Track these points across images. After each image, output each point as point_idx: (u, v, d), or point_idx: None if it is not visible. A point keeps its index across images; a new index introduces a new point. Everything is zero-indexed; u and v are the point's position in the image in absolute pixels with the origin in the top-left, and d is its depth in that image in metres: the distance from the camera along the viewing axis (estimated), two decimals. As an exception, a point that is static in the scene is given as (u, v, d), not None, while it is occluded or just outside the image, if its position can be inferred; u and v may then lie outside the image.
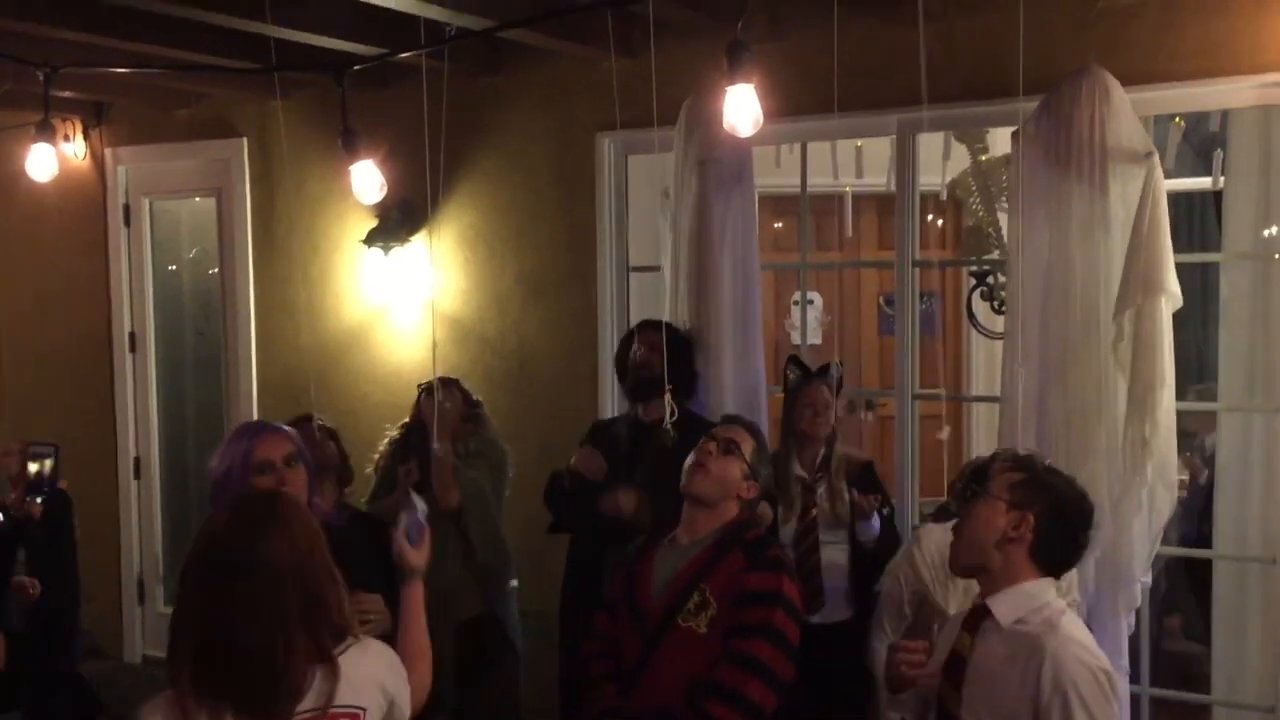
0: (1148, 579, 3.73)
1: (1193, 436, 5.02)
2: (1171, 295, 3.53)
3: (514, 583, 4.22)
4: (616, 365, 4.23)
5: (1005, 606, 2.39)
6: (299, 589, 1.96)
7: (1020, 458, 2.53)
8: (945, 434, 3.37)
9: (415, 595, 2.54)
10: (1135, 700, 3.96)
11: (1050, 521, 2.40)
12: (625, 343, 4.20)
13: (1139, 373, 3.54)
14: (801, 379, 3.93)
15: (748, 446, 3.11)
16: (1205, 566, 4.28)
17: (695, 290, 4.32)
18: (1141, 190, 3.52)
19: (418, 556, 2.58)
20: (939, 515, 3.84)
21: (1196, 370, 5.16)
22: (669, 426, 3.40)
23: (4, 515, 3.21)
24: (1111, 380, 3.62)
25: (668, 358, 3.73)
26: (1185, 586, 4.88)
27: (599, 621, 3.16)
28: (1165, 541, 3.92)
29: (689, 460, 3.10)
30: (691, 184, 4.29)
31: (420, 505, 2.63)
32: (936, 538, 3.23)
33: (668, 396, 3.50)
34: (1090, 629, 3.52)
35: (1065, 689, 2.27)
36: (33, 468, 3.16)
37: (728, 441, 3.09)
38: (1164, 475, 3.60)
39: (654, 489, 3.42)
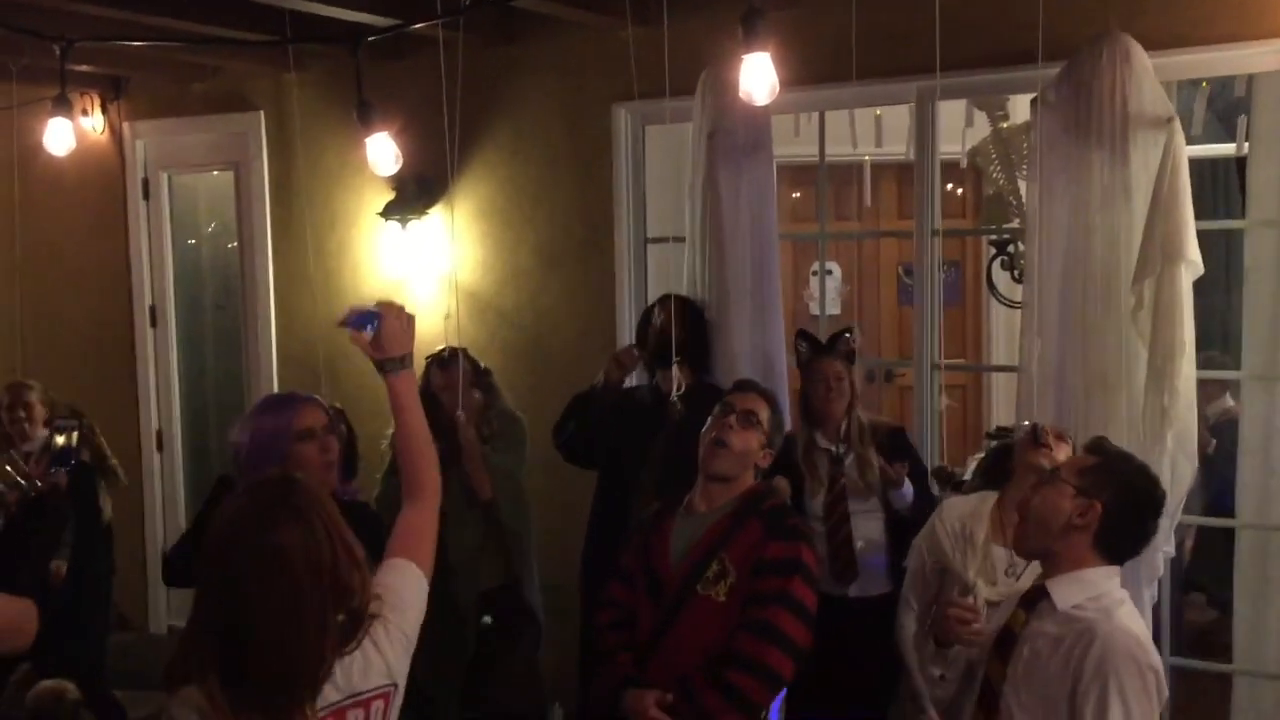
0: (1171, 548, 3.71)
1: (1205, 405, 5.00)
2: (1191, 263, 3.49)
3: None
4: (638, 336, 4.22)
5: (1065, 590, 2.37)
6: (318, 577, 1.86)
7: (1095, 442, 2.50)
8: (944, 404, 3.34)
9: (401, 385, 2.36)
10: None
11: (1118, 510, 2.36)
12: (646, 315, 4.22)
13: (1158, 341, 3.51)
14: (811, 354, 3.89)
15: (765, 414, 3.11)
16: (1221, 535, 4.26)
17: (711, 261, 4.30)
18: (1161, 156, 3.47)
19: (385, 343, 2.33)
20: (941, 479, 3.82)
21: (1220, 338, 5.12)
22: (676, 400, 3.39)
23: (30, 486, 3.24)
24: (1131, 349, 3.59)
25: (685, 327, 3.72)
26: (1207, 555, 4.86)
27: (613, 590, 3.16)
28: (1187, 510, 3.90)
29: (709, 435, 3.08)
30: (706, 155, 4.26)
31: (360, 307, 2.40)
32: (959, 508, 3.23)
33: (675, 370, 3.50)
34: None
35: (1107, 676, 2.25)
36: (59, 440, 3.20)
37: (746, 413, 3.08)
38: (1184, 444, 3.57)
39: (671, 460, 3.42)
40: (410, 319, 2.36)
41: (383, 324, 2.30)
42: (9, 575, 2.85)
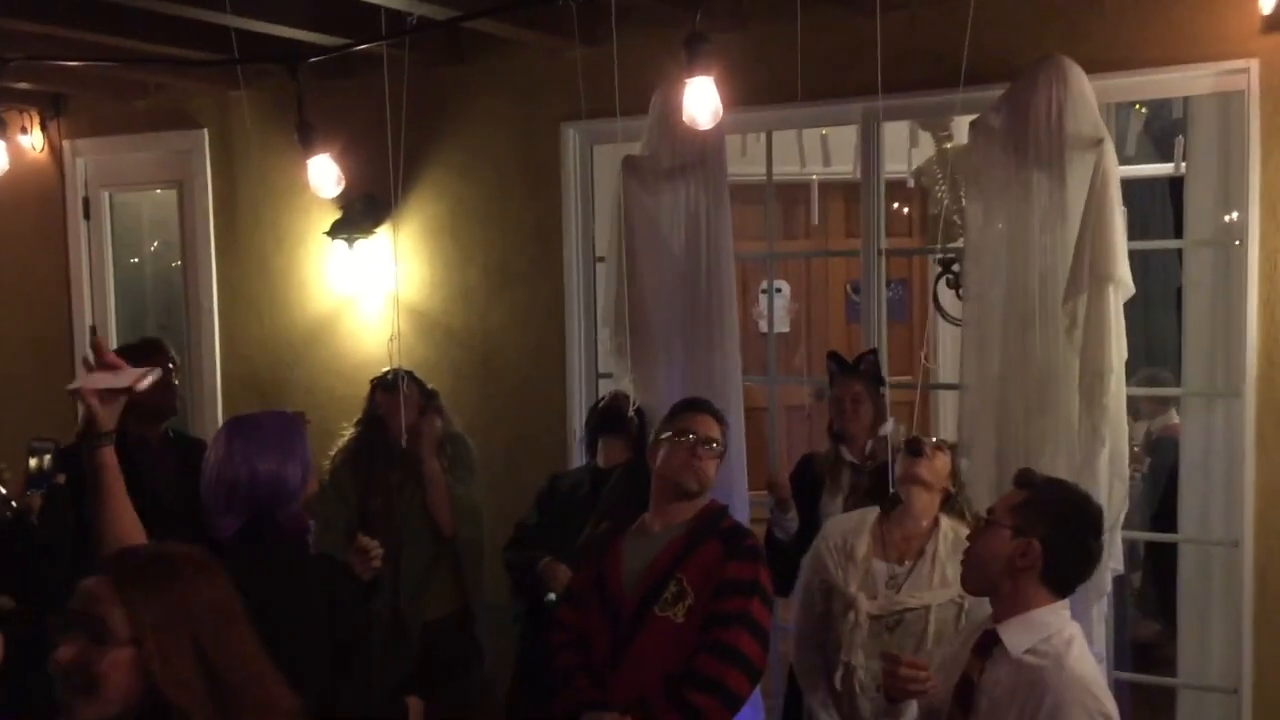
0: (1119, 566, 3.73)
1: (1147, 422, 5.09)
2: (1120, 283, 3.51)
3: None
4: (586, 422, 4.21)
5: (1015, 635, 2.38)
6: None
7: (1021, 475, 2.51)
8: (889, 428, 3.38)
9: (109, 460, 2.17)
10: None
11: (1057, 542, 2.37)
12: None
13: (1086, 361, 3.54)
14: (836, 374, 3.92)
15: (719, 437, 3.12)
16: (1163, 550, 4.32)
17: (654, 281, 4.25)
18: (1091, 177, 3.51)
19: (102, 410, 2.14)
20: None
21: (1165, 356, 5.21)
22: (632, 415, 3.39)
23: (4, 508, 3.22)
24: (1068, 369, 3.62)
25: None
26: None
27: (563, 613, 3.14)
28: (1130, 526, 3.95)
29: (676, 458, 3.05)
30: (645, 178, 4.24)
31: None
32: (840, 525, 3.28)
33: (629, 385, 3.50)
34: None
35: None
36: (32, 463, 3.18)
37: (709, 441, 3.07)
38: (1116, 465, 3.58)
39: (615, 509, 3.41)
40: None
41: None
42: None
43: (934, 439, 3.34)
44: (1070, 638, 2.39)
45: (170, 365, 3.98)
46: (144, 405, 3.93)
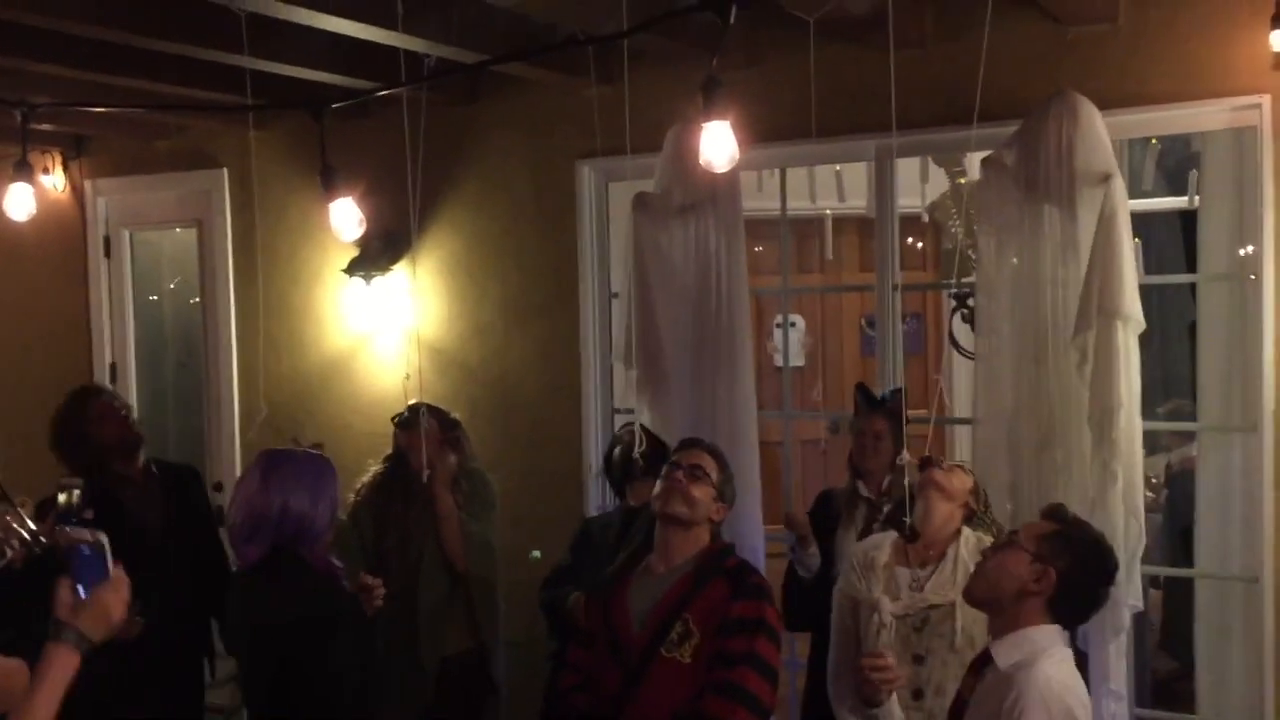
0: (1138, 603, 3.70)
1: (1165, 454, 5.07)
2: (1129, 318, 3.51)
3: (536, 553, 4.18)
4: (605, 464, 4.17)
5: (1006, 651, 2.43)
6: None
7: (1052, 508, 2.56)
8: (905, 457, 3.38)
9: (60, 660, 1.91)
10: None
11: (1072, 578, 2.41)
12: (611, 445, 4.18)
13: (1095, 396, 3.53)
14: (861, 409, 3.91)
15: (713, 469, 3.11)
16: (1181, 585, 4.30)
17: (668, 317, 4.27)
18: (1100, 212, 3.52)
19: (83, 614, 1.92)
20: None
21: (1190, 389, 5.20)
22: (638, 457, 3.40)
23: (35, 543, 3.24)
24: (1079, 404, 3.62)
25: (648, 444, 3.81)
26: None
27: (573, 655, 3.15)
28: (1149, 561, 3.93)
29: (658, 485, 3.09)
30: (656, 214, 4.27)
31: (95, 538, 2.00)
32: (863, 545, 3.29)
33: (637, 425, 3.51)
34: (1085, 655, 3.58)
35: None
36: (61, 499, 3.23)
37: (693, 467, 3.08)
38: (1130, 501, 3.56)
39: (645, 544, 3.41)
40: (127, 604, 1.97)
41: (101, 588, 1.93)
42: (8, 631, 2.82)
43: (956, 462, 3.34)
44: (1049, 649, 2.43)
45: (116, 402, 4.07)
46: (111, 450, 3.98)
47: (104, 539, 1.92)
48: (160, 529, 3.99)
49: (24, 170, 4.37)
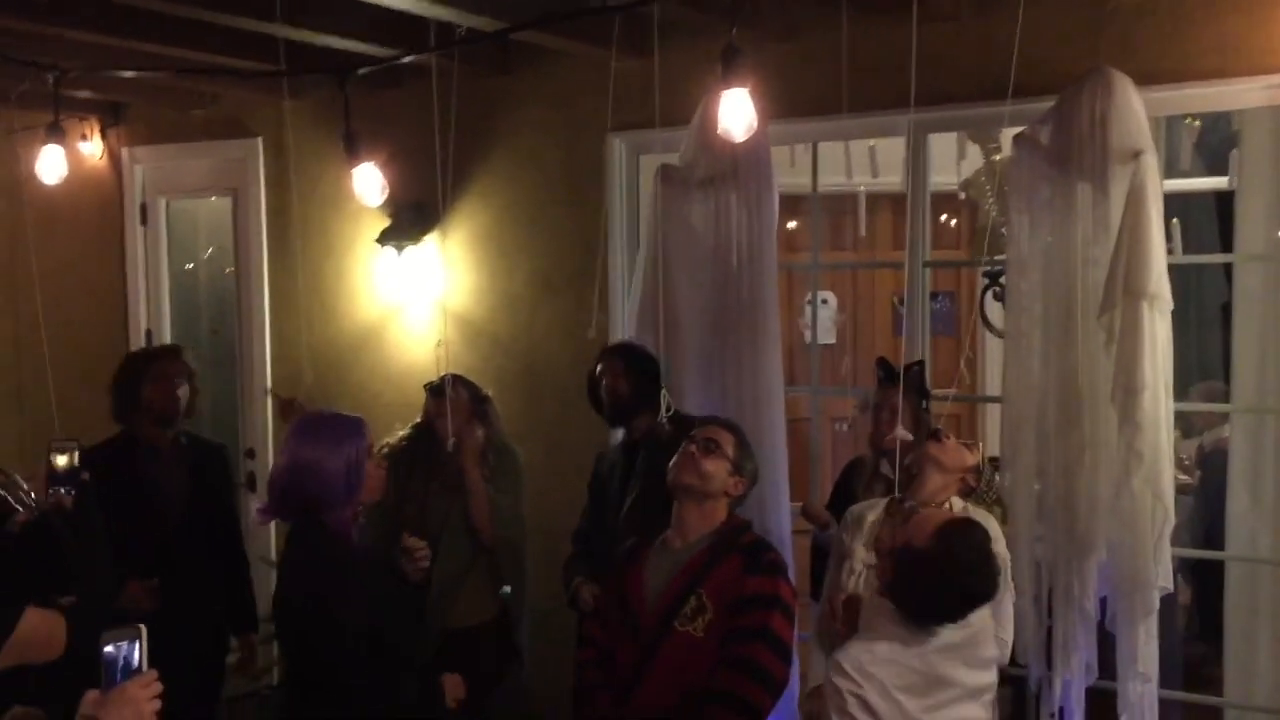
0: (1168, 585, 3.65)
1: (1198, 436, 5.02)
2: (1155, 298, 3.45)
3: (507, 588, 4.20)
4: (589, 397, 4.19)
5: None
6: None
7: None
8: (900, 433, 3.37)
9: None
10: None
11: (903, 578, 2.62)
12: (592, 373, 4.17)
13: (1119, 377, 3.49)
14: (881, 382, 3.89)
15: (729, 443, 3.11)
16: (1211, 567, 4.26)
17: (690, 290, 4.26)
18: (1129, 191, 3.47)
19: (110, 706, 1.83)
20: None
21: (1217, 370, 5.14)
22: (664, 420, 3.40)
23: (33, 505, 3.25)
24: (1106, 384, 3.57)
25: (635, 380, 3.86)
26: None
27: (590, 628, 3.17)
28: (1178, 543, 3.89)
29: (673, 460, 3.09)
30: (690, 183, 4.25)
31: (136, 630, 1.88)
32: (858, 507, 3.39)
33: (664, 393, 3.51)
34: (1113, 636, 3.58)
35: None
36: (60, 460, 3.22)
37: (707, 440, 3.09)
38: (1154, 483, 3.51)
39: (651, 500, 3.41)
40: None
41: (132, 681, 1.86)
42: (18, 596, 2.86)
43: (965, 440, 3.34)
44: None
45: (183, 371, 4.06)
46: (150, 412, 4.02)
47: (143, 631, 1.88)
48: (182, 502, 4.04)
49: (56, 133, 4.43)
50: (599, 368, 4.12)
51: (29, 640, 2.54)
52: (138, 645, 1.86)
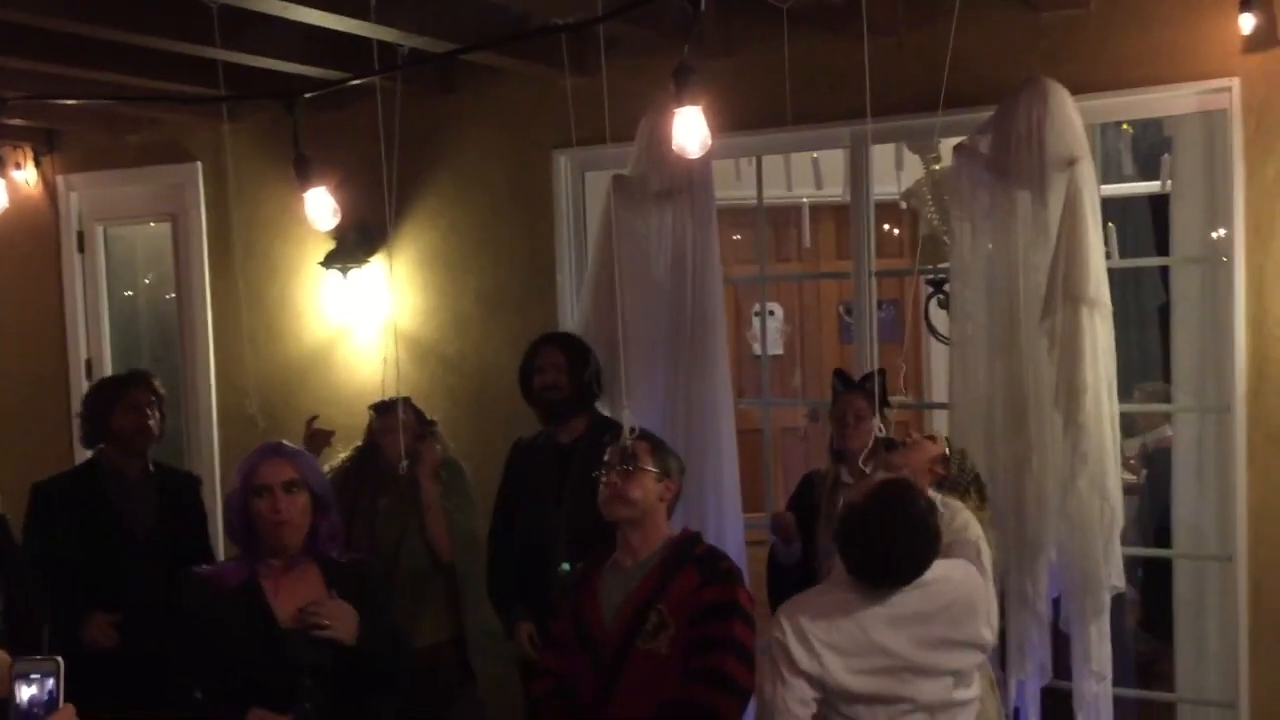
0: (1119, 584, 3.72)
1: (1142, 436, 5.11)
2: (1095, 303, 3.51)
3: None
4: (522, 385, 4.14)
5: None
6: None
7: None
8: (875, 423, 3.40)
9: None
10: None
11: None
12: (528, 360, 4.12)
13: (1061, 381, 3.55)
14: (839, 391, 3.90)
15: (645, 452, 3.04)
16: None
17: (613, 305, 4.19)
18: (1065, 198, 3.53)
19: None
20: None
21: (1157, 370, 5.24)
22: (628, 443, 3.36)
23: None
24: (1050, 388, 3.64)
25: (577, 375, 3.83)
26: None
27: (546, 659, 3.12)
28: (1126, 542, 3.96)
29: (599, 495, 3.04)
30: (612, 198, 4.26)
31: (48, 669, 1.78)
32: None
33: (626, 413, 3.47)
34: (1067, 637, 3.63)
35: None
36: None
37: (623, 465, 3.02)
38: (1099, 484, 3.57)
39: (583, 513, 3.37)
40: None
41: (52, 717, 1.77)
42: None
43: (926, 434, 3.34)
44: None
45: (153, 398, 4.02)
46: (121, 440, 3.98)
47: (60, 664, 1.78)
48: (149, 530, 3.98)
49: (-1, 164, 4.34)
50: (536, 359, 4.06)
51: None
52: (54, 679, 1.76)
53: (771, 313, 6.77)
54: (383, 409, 4.11)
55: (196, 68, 4.35)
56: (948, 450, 3.19)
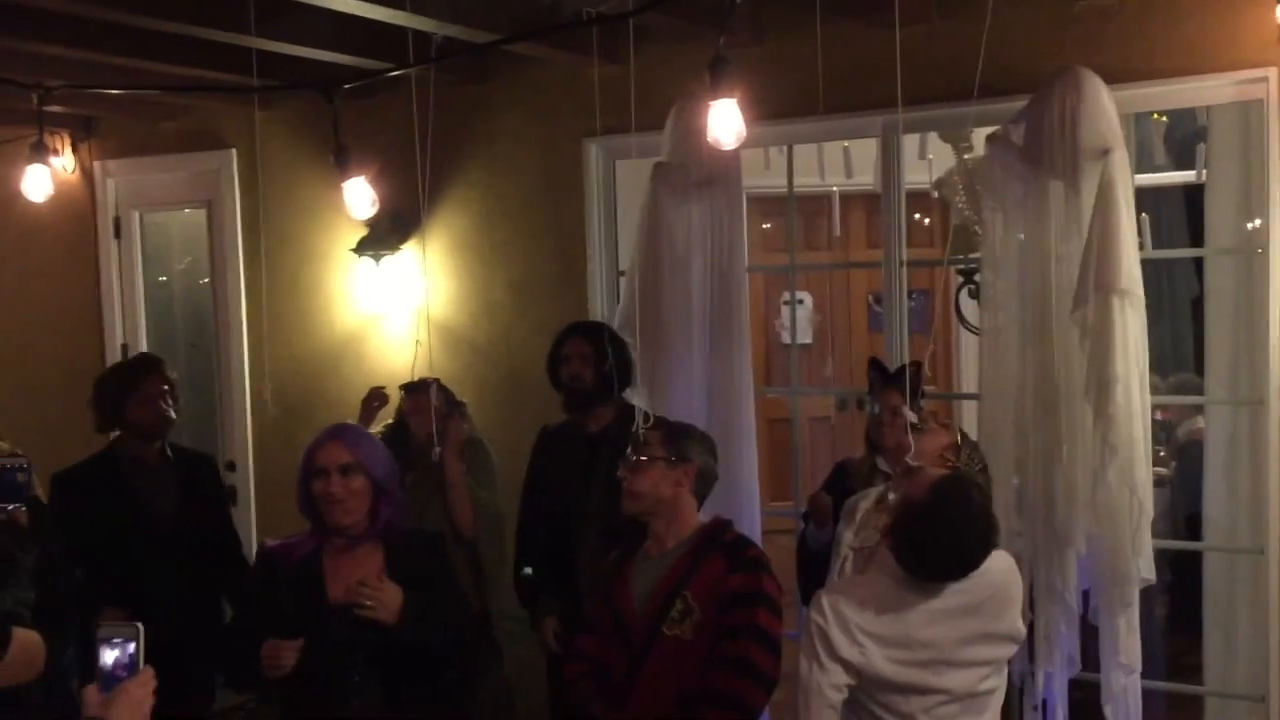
0: (1150, 576, 3.69)
1: (1173, 428, 5.08)
2: (1126, 294, 3.49)
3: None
4: (550, 374, 4.15)
5: None
6: None
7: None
8: (908, 414, 3.40)
9: None
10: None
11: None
12: (555, 350, 4.13)
13: (1092, 372, 3.53)
14: (876, 383, 3.87)
15: (655, 442, 3.06)
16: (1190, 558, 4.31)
17: (648, 292, 4.25)
18: (1099, 187, 3.51)
19: (113, 707, 1.82)
20: None
21: (1189, 362, 5.21)
22: (640, 430, 3.35)
23: None
24: (1082, 379, 3.62)
25: (605, 362, 3.80)
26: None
27: (581, 643, 3.16)
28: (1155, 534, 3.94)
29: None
30: (651, 186, 4.27)
31: (129, 635, 1.87)
32: (853, 497, 3.46)
33: (639, 404, 3.48)
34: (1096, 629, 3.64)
35: None
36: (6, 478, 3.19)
37: (633, 455, 3.05)
38: (1129, 476, 3.54)
39: (612, 506, 3.39)
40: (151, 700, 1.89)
41: (131, 681, 1.85)
42: None
43: (940, 422, 3.37)
44: None
45: (166, 386, 4.03)
46: (138, 427, 4.00)
47: (141, 629, 1.89)
48: (171, 515, 4.00)
49: (41, 152, 4.40)
50: (563, 348, 4.07)
51: (16, 659, 2.53)
52: (135, 643, 1.86)
53: (801, 301, 6.77)
54: (413, 389, 4.15)
55: (231, 55, 4.39)
56: (959, 439, 3.20)
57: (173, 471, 4.08)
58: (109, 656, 1.85)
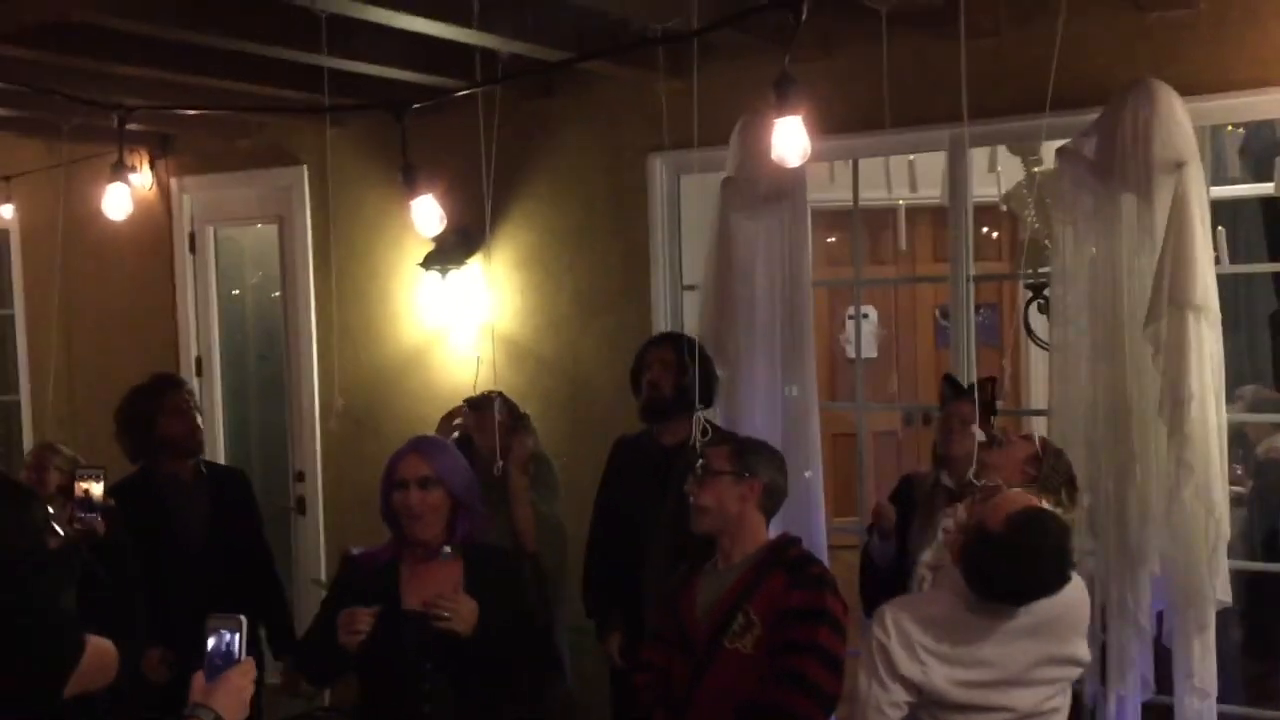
0: (1226, 598, 3.62)
1: (1252, 446, 4.96)
2: (1202, 309, 3.43)
3: None
4: (632, 382, 4.16)
5: None
6: None
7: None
8: (975, 431, 3.35)
9: None
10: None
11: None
12: (639, 359, 4.14)
13: (1166, 388, 3.47)
14: (948, 397, 3.86)
15: (721, 457, 3.06)
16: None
17: (722, 307, 4.27)
18: (1173, 201, 3.45)
19: (216, 694, 1.95)
20: None
21: (1266, 378, 5.08)
22: (696, 443, 3.36)
23: (71, 533, 3.27)
24: (1156, 396, 3.56)
25: (686, 374, 3.76)
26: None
27: (646, 651, 3.18)
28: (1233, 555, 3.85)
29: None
30: (719, 201, 4.27)
31: (232, 626, 2.00)
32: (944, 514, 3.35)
33: (699, 416, 3.48)
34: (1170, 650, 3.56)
35: None
36: (84, 488, 3.25)
37: (697, 475, 3.05)
38: (1205, 495, 3.48)
39: (683, 519, 3.39)
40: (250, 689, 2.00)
41: (232, 670, 1.98)
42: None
43: (1022, 434, 3.32)
44: None
45: (190, 401, 4.06)
46: (171, 446, 4.02)
47: (244, 621, 2.02)
48: (204, 533, 4.02)
49: (121, 171, 4.47)
50: (647, 356, 4.08)
51: (90, 665, 2.58)
52: (238, 635, 1.98)
53: (865, 315, 6.72)
54: (477, 404, 4.18)
55: (301, 74, 4.47)
56: (1040, 451, 3.15)
57: (206, 488, 4.10)
58: (214, 646, 1.97)
